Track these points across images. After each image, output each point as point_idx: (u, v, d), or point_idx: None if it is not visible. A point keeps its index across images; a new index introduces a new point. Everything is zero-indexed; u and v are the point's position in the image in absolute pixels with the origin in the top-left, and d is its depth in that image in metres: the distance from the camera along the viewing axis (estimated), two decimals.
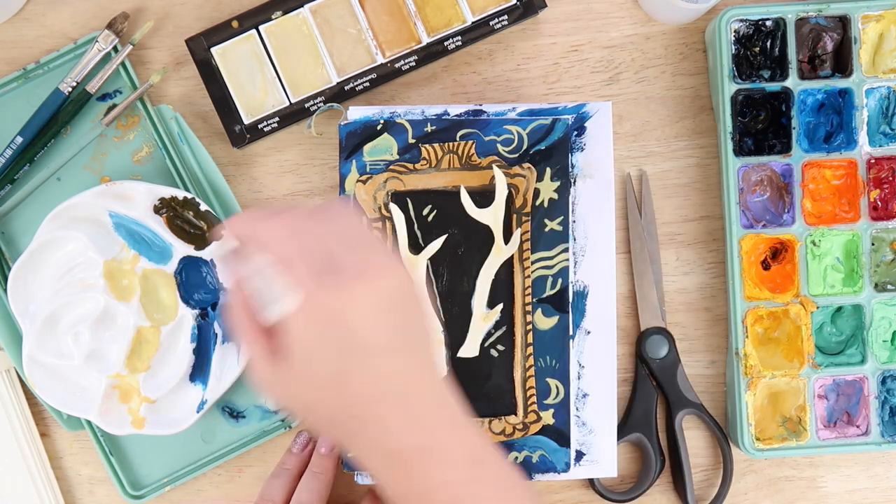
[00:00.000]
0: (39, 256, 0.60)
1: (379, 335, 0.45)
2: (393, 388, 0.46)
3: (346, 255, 0.46)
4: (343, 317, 0.45)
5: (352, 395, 0.46)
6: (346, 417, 0.46)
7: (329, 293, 0.45)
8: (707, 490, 0.65)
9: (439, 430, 0.47)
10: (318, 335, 0.45)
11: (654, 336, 0.64)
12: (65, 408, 0.61)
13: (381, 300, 0.45)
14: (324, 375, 0.45)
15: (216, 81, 0.63)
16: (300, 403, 0.48)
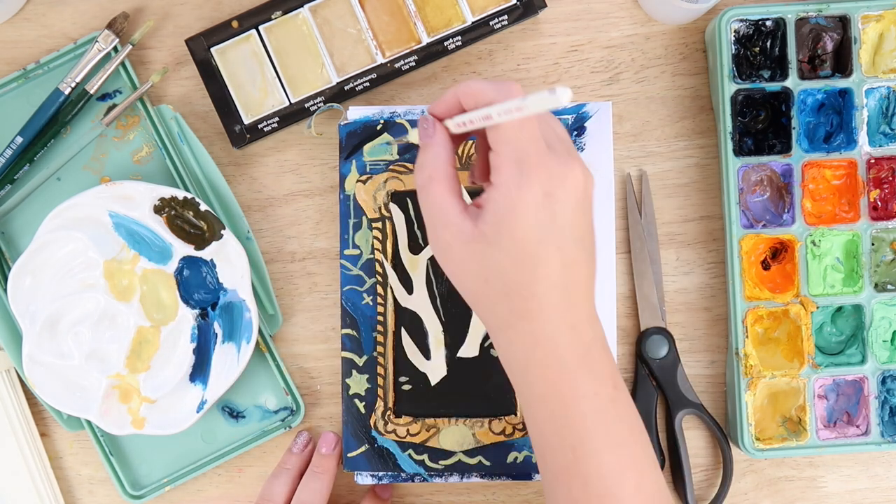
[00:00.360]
0: (39, 256, 0.60)
1: (580, 224, 0.47)
2: (573, 282, 0.46)
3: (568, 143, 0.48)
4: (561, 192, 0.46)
5: (541, 272, 0.46)
6: (524, 297, 0.46)
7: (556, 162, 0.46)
8: (707, 490, 0.65)
9: (595, 342, 0.47)
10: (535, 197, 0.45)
11: (654, 336, 0.64)
12: (65, 408, 0.61)
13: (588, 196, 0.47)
14: (524, 240, 0.45)
15: (216, 81, 0.63)
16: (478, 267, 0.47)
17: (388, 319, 0.62)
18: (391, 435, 0.62)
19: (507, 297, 0.47)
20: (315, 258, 0.65)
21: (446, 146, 0.49)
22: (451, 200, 0.48)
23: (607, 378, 0.47)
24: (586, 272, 0.47)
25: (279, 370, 0.64)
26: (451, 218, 0.47)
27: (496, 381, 0.62)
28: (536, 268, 0.46)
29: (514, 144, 0.46)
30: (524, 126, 0.46)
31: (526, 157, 0.45)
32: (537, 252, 0.45)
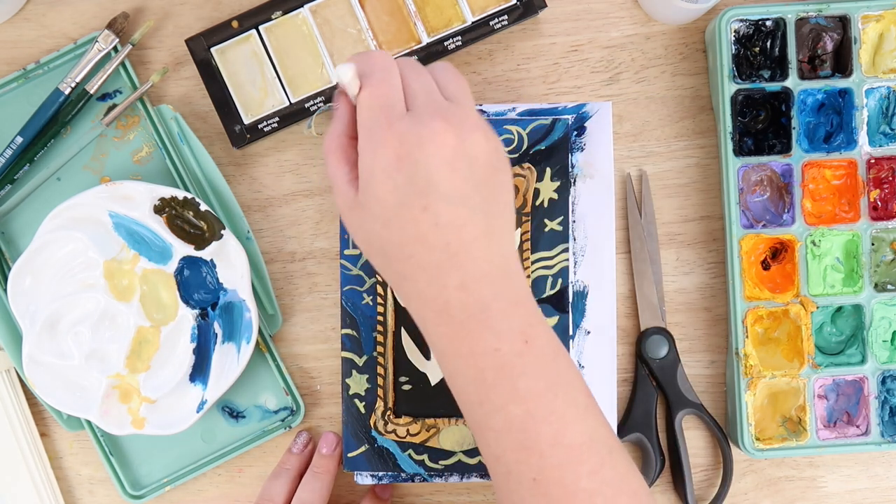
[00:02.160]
0: (39, 256, 0.60)
1: (454, 182, 0.46)
2: (455, 240, 0.46)
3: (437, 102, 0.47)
4: (418, 152, 0.46)
5: (409, 233, 0.46)
6: (401, 257, 0.47)
7: (409, 125, 0.46)
8: (707, 490, 0.65)
9: (497, 300, 0.47)
10: (389, 161, 0.46)
11: (654, 336, 0.64)
12: (65, 408, 0.61)
13: (466, 151, 0.46)
14: (386, 204, 0.46)
15: (216, 81, 0.63)
16: (362, 232, 0.48)
17: (388, 319, 0.62)
18: (391, 435, 0.62)
19: (388, 260, 0.48)
20: (315, 258, 0.65)
21: (344, 117, 0.50)
22: (340, 169, 0.49)
23: (514, 333, 0.47)
24: (476, 229, 0.47)
25: (279, 370, 0.64)
26: (340, 186, 0.49)
27: None
28: (403, 229, 0.46)
29: (364, 112, 0.47)
30: (373, 93, 0.47)
31: (374, 124, 0.47)
32: (401, 214, 0.46)
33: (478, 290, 0.47)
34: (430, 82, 0.49)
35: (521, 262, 0.49)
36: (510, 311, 0.47)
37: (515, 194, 0.62)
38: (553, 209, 0.62)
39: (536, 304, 0.49)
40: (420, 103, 0.47)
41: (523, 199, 0.62)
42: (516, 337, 0.47)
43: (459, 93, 0.49)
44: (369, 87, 0.47)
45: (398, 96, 0.47)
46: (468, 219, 0.46)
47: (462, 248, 0.46)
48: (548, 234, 0.62)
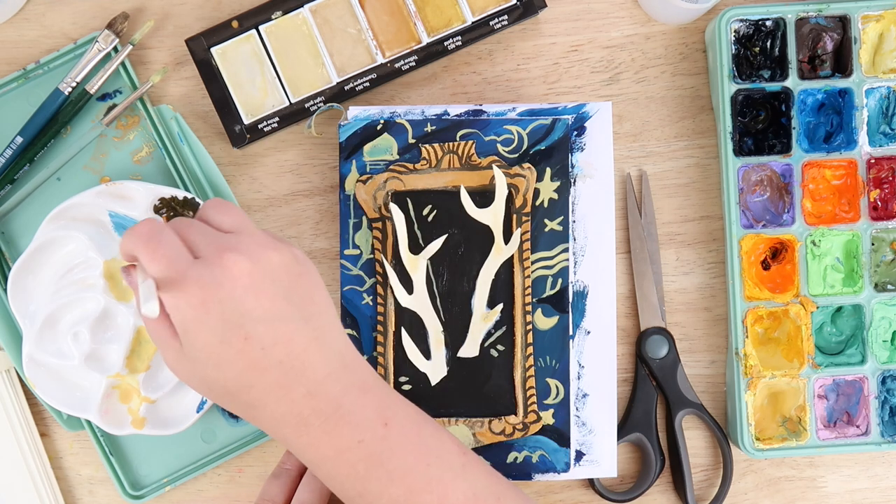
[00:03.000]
0: (39, 256, 0.60)
1: (263, 303, 0.47)
2: (286, 356, 0.47)
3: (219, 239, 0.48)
4: (217, 290, 0.46)
5: (241, 365, 0.47)
6: (242, 389, 0.47)
7: (202, 269, 0.46)
8: (707, 490, 0.65)
9: (346, 395, 0.48)
10: (196, 308, 0.46)
11: (654, 336, 0.64)
12: (65, 408, 0.61)
13: (263, 271, 0.47)
14: (209, 347, 0.46)
15: (216, 81, 0.63)
16: (198, 380, 0.49)
17: (388, 319, 0.62)
18: None
19: (232, 396, 0.48)
20: (315, 258, 0.65)
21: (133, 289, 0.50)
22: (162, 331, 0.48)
23: (371, 421, 0.48)
24: (303, 335, 0.47)
25: None
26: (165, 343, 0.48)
27: (496, 381, 0.62)
28: (234, 364, 0.46)
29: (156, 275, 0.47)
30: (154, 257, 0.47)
31: (170, 282, 0.46)
32: (226, 351, 0.46)
33: (324, 392, 0.48)
34: (204, 227, 0.49)
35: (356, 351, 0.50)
36: (362, 401, 0.48)
37: (515, 194, 0.62)
38: (553, 209, 0.62)
39: (386, 384, 0.50)
40: (203, 248, 0.47)
41: (523, 198, 0.62)
42: (375, 423, 0.48)
43: (236, 222, 0.49)
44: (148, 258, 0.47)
45: (176, 251, 0.47)
46: (292, 332, 0.47)
47: (296, 360, 0.47)
48: (548, 234, 0.62)
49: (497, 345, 0.62)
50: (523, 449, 0.62)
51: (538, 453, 0.62)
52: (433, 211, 0.62)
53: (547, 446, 0.61)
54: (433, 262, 0.62)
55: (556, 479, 0.62)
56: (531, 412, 0.62)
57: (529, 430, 0.62)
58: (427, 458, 0.49)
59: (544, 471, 0.61)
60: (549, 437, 0.61)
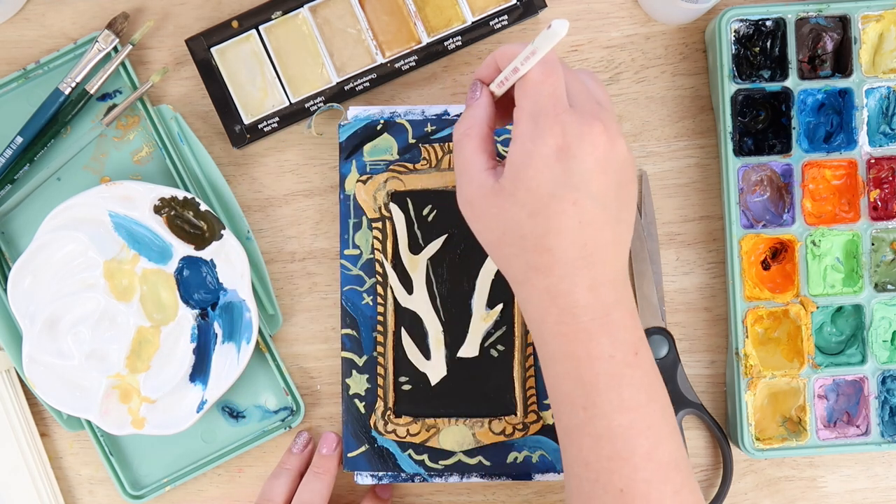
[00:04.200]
0: (39, 256, 0.60)
1: (601, 184, 0.47)
2: (592, 240, 0.47)
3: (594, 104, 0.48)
4: (578, 147, 0.46)
5: (555, 224, 0.46)
6: (539, 248, 0.47)
7: (572, 119, 0.46)
8: (707, 490, 0.65)
9: (617, 308, 0.48)
10: (551, 149, 0.46)
11: (654, 336, 0.64)
12: (65, 408, 0.61)
13: (614, 155, 0.47)
14: (538, 192, 0.46)
15: (216, 81, 0.63)
16: (498, 221, 0.48)
17: (388, 319, 0.62)
18: (391, 435, 0.62)
19: (523, 250, 0.47)
20: (315, 258, 0.65)
21: (485, 107, 0.50)
22: (478, 157, 0.49)
23: (627, 344, 0.48)
24: (610, 234, 0.47)
25: (279, 370, 0.64)
26: (475, 174, 0.49)
27: (496, 381, 0.62)
28: (549, 220, 0.46)
29: (531, 98, 0.47)
30: (545, 81, 0.47)
31: (541, 111, 0.46)
32: (550, 205, 0.46)
33: (604, 293, 0.47)
34: (584, 84, 0.49)
35: None
36: (627, 321, 0.48)
37: None
38: None
39: None
40: (580, 101, 0.48)
41: None
42: (629, 347, 0.48)
43: (605, 99, 0.50)
44: (542, 72, 0.47)
45: (564, 90, 0.47)
46: (605, 222, 0.47)
47: (597, 249, 0.47)
48: None
49: (497, 345, 0.62)
50: (523, 449, 0.62)
51: (538, 453, 0.62)
52: (433, 211, 0.62)
53: (547, 446, 0.61)
54: (433, 262, 0.62)
55: (556, 479, 0.62)
56: (531, 412, 0.62)
57: (529, 430, 0.62)
58: (655, 405, 0.48)
59: (544, 471, 0.61)
60: (549, 436, 0.61)
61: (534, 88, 0.47)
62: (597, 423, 0.47)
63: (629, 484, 0.47)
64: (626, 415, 0.47)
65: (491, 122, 0.50)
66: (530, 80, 0.47)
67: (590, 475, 0.48)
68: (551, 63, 0.47)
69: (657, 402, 0.48)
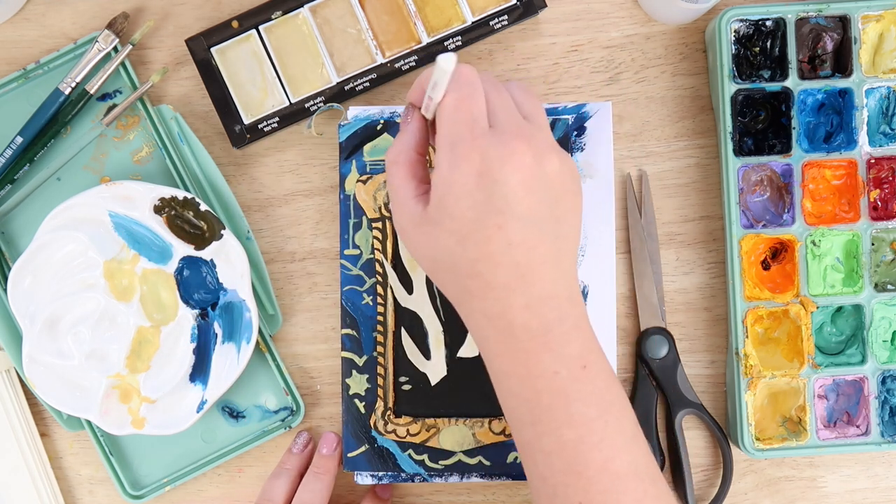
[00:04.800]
0: (39, 256, 0.60)
1: (529, 203, 0.46)
2: (525, 260, 0.46)
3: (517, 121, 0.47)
4: (499, 170, 0.46)
5: (483, 250, 0.46)
6: (470, 274, 0.47)
7: (491, 142, 0.46)
8: (707, 490, 0.65)
9: (560, 323, 0.47)
10: (469, 176, 0.46)
11: (654, 336, 0.64)
12: (65, 408, 0.61)
13: (542, 172, 0.47)
14: (462, 220, 0.46)
15: (216, 81, 0.63)
16: (428, 248, 0.48)
17: (388, 319, 0.62)
18: (391, 435, 0.62)
19: (456, 276, 0.48)
20: (315, 258, 0.65)
21: (415, 133, 0.50)
22: (407, 184, 0.49)
23: (573, 359, 0.47)
24: (545, 251, 0.47)
25: (279, 370, 0.64)
26: (404, 201, 0.49)
27: None
28: (477, 246, 0.46)
29: (447, 126, 0.47)
30: (459, 107, 0.47)
31: (458, 138, 0.46)
32: (476, 231, 0.46)
33: (542, 311, 0.47)
34: (510, 100, 0.49)
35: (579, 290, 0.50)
36: (571, 336, 0.47)
37: None
38: None
39: (593, 331, 0.49)
40: (501, 121, 0.47)
41: None
42: (575, 362, 0.47)
43: (534, 112, 0.49)
44: (456, 97, 0.47)
45: (482, 111, 0.47)
46: (539, 240, 0.46)
47: (530, 268, 0.46)
48: None
49: None
50: None
51: None
52: None
53: None
54: None
55: None
56: None
57: None
58: (607, 416, 0.48)
59: None
60: None
61: (448, 115, 0.47)
62: (545, 439, 0.47)
63: (586, 497, 0.47)
64: (575, 430, 0.47)
65: (420, 146, 0.50)
66: (444, 107, 0.47)
67: (547, 489, 0.48)
68: (467, 85, 0.47)
69: (610, 413, 0.48)
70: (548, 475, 0.48)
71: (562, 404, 0.47)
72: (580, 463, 0.47)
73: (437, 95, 0.47)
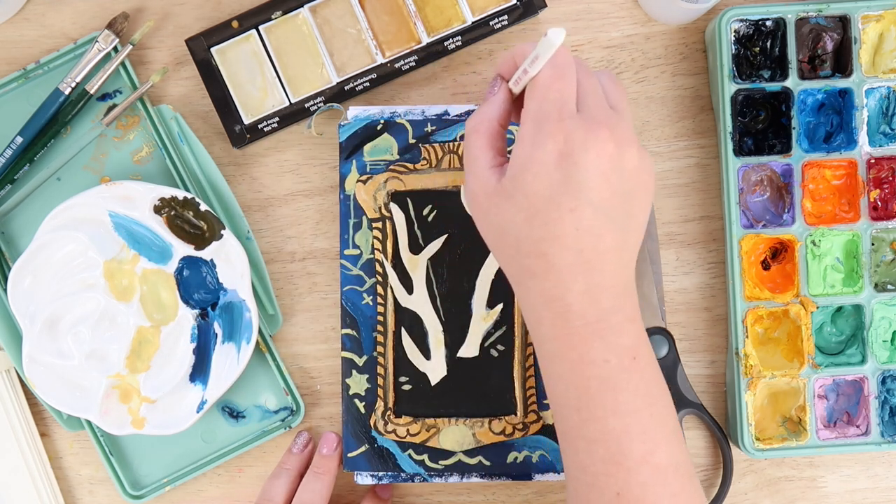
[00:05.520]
0: (39, 256, 0.60)
1: (603, 192, 0.46)
2: (590, 247, 0.46)
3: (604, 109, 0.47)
4: (581, 154, 0.46)
5: (550, 230, 0.46)
6: (534, 253, 0.47)
7: (577, 125, 0.46)
8: (707, 490, 0.65)
9: (615, 313, 0.47)
10: (552, 154, 0.46)
11: (654, 336, 0.64)
12: (65, 408, 0.61)
13: (620, 163, 0.47)
14: (536, 197, 0.46)
15: (216, 81, 0.63)
16: (495, 220, 0.48)
17: (388, 319, 0.62)
18: (391, 435, 0.62)
19: (519, 253, 0.48)
20: (315, 258, 0.65)
21: (500, 104, 0.50)
22: (485, 154, 0.49)
23: (624, 348, 0.47)
24: (611, 242, 0.47)
25: (279, 370, 0.64)
26: (480, 170, 0.49)
27: (496, 381, 0.62)
28: (546, 226, 0.46)
29: (537, 102, 0.47)
30: (552, 85, 0.47)
31: (545, 116, 0.46)
32: (547, 210, 0.46)
33: (600, 300, 0.47)
34: (599, 87, 0.49)
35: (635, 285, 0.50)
36: (625, 326, 0.48)
37: None
38: None
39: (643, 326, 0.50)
40: (590, 106, 0.47)
41: None
42: (626, 352, 0.47)
43: (621, 103, 0.49)
44: (550, 75, 0.47)
45: (573, 94, 0.47)
46: (607, 230, 0.47)
47: (595, 256, 0.47)
48: None
49: (497, 345, 0.62)
50: (523, 449, 0.62)
51: (538, 453, 0.62)
52: (433, 211, 0.62)
53: (547, 446, 0.61)
54: (433, 262, 0.62)
55: (556, 479, 0.62)
56: (531, 412, 0.62)
57: (529, 430, 0.62)
58: (652, 408, 0.48)
59: (544, 471, 0.61)
60: (549, 436, 0.61)
61: (540, 92, 0.47)
62: (591, 426, 0.48)
63: (625, 487, 0.47)
64: (621, 419, 0.47)
65: (503, 118, 0.50)
66: (538, 83, 0.47)
67: (587, 478, 0.48)
68: (562, 66, 0.47)
69: (655, 406, 0.48)
70: (588, 464, 0.48)
71: (610, 393, 0.47)
72: (622, 453, 0.47)
73: (534, 70, 0.47)
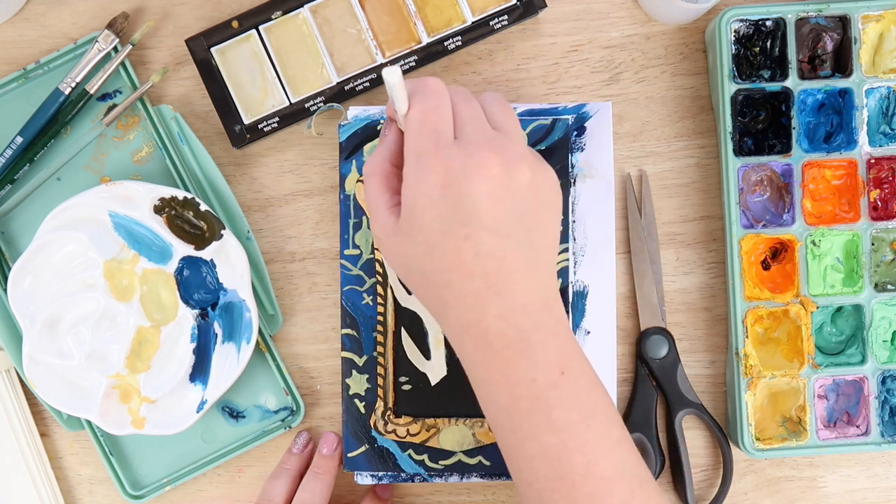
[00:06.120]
0: (39, 256, 0.60)
1: (496, 214, 0.46)
2: (494, 270, 0.46)
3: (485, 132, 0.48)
4: (463, 181, 0.46)
5: (450, 260, 0.46)
6: (442, 283, 0.47)
7: (456, 153, 0.46)
8: (707, 490, 0.65)
9: (535, 331, 0.47)
10: (434, 188, 0.46)
11: (654, 336, 0.64)
12: (65, 408, 0.61)
13: (510, 183, 0.47)
14: (429, 231, 0.46)
15: (216, 81, 0.63)
16: (401, 257, 0.48)
17: (388, 319, 0.62)
18: (391, 435, 0.62)
19: (428, 285, 0.48)
20: (315, 258, 0.65)
21: (391, 144, 0.51)
22: (381, 196, 0.49)
23: (550, 365, 0.47)
24: (517, 261, 0.47)
25: (279, 370, 0.64)
26: (379, 212, 0.49)
27: None
28: (445, 256, 0.47)
29: (412, 138, 0.48)
30: (423, 119, 0.47)
31: (422, 150, 0.47)
32: (443, 241, 0.46)
33: (516, 320, 0.47)
34: (479, 111, 0.49)
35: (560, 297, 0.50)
36: (548, 343, 0.48)
37: None
38: None
39: (574, 336, 0.49)
40: (468, 132, 0.47)
41: None
42: (553, 368, 0.47)
43: (507, 123, 0.49)
44: (421, 110, 0.47)
45: (448, 123, 0.47)
46: (509, 250, 0.47)
47: (501, 278, 0.47)
48: None
49: None
50: None
51: None
52: None
53: None
54: None
55: None
56: None
57: None
58: (589, 420, 0.48)
59: None
60: None
61: (414, 127, 0.47)
62: (528, 445, 0.47)
63: (572, 501, 0.47)
64: (556, 435, 0.47)
65: (396, 159, 0.51)
66: (410, 119, 0.48)
67: (533, 494, 0.48)
68: (433, 97, 0.47)
69: (594, 418, 0.48)
70: (532, 480, 0.48)
71: (541, 410, 0.47)
72: (563, 468, 0.47)
73: (399, 108, 0.47)
